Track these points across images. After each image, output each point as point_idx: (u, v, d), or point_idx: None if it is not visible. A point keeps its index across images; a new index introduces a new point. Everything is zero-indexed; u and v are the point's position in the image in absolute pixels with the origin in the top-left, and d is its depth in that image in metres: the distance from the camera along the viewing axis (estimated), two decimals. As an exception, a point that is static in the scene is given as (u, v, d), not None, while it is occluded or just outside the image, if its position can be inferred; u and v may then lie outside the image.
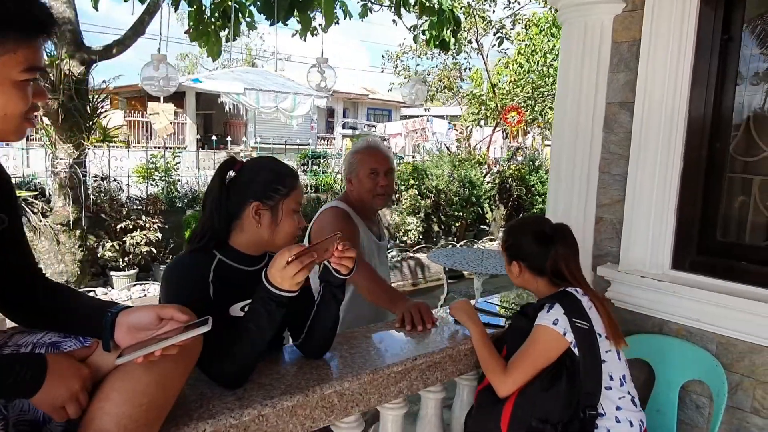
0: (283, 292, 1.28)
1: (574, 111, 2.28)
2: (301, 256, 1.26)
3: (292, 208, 1.47)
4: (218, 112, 18.25)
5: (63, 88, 4.23)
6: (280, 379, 1.45)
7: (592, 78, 2.20)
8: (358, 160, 2.29)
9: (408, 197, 8.34)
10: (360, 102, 24.21)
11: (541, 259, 1.71)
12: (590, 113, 2.24)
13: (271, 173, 1.50)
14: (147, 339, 1.08)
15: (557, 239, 1.72)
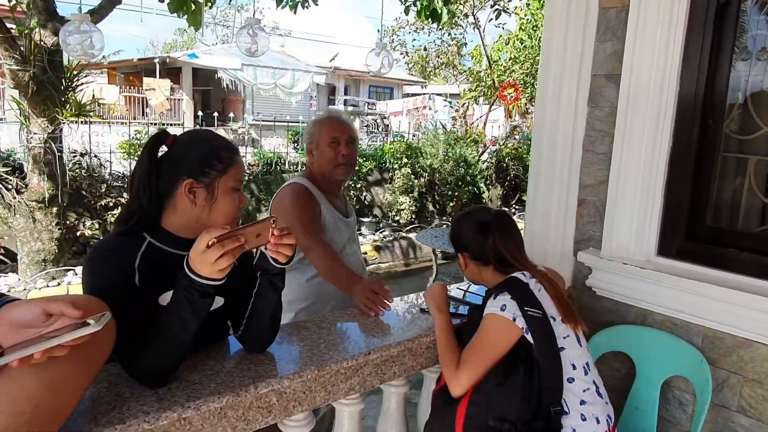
0: (205, 280, 1.13)
1: (556, 83, 2.10)
2: (225, 240, 1.11)
3: (230, 186, 1.33)
4: (216, 89, 18.01)
5: (34, 60, 4.05)
6: (212, 376, 1.31)
7: (577, 47, 2.02)
8: (318, 130, 2.16)
9: (401, 176, 8.17)
10: (362, 79, 23.92)
11: (482, 248, 1.64)
12: (574, 86, 2.06)
13: (206, 147, 1.35)
14: (32, 338, 0.93)
15: (494, 226, 1.64)
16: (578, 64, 2.04)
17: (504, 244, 1.62)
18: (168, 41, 28.77)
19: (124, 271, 1.27)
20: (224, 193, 1.32)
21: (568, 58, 2.05)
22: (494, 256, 1.63)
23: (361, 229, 8.25)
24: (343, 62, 22.62)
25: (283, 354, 1.46)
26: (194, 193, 1.31)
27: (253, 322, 1.41)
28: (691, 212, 1.88)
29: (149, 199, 1.32)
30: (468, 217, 1.75)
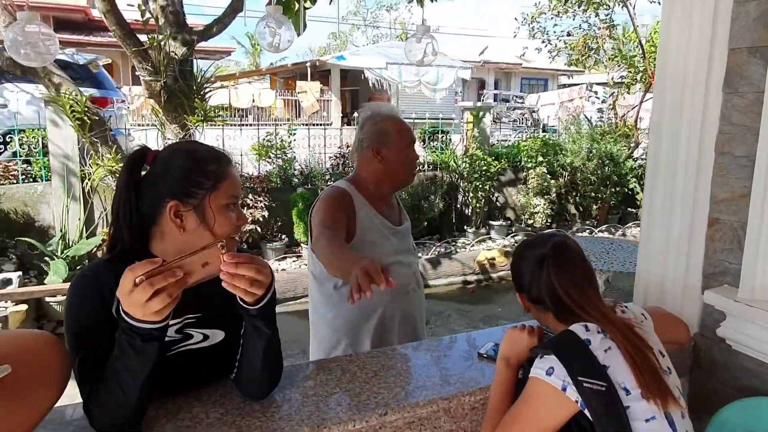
0: (142, 323, 0.94)
1: (680, 63, 1.58)
2: (153, 277, 0.90)
3: (223, 204, 1.13)
4: (363, 88, 18.54)
5: (165, 70, 4.33)
6: (188, 429, 1.12)
7: (708, 11, 1.49)
8: (395, 130, 1.89)
9: (535, 176, 7.49)
10: (513, 72, 23.09)
11: (538, 288, 1.26)
12: (704, 64, 1.53)
13: (189, 162, 1.15)
14: None
15: (549, 258, 1.25)
16: (709, 35, 1.50)
17: (560, 281, 1.22)
18: (323, 45, 30.45)
19: (103, 301, 1.12)
20: (219, 213, 1.12)
21: (696, 27, 1.53)
22: (549, 298, 1.24)
23: (491, 233, 7.78)
24: (494, 55, 21.99)
25: (282, 405, 1.23)
26: (181, 217, 1.12)
27: (243, 367, 1.20)
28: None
29: (129, 228, 1.15)
30: (525, 247, 1.36)
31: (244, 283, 0.99)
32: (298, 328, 5.57)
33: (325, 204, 1.79)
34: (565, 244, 1.29)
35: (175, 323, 1.17)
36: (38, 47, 2.94)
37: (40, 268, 5.50)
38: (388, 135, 1.87)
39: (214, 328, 1.21)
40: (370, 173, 1.88)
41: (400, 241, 1.94)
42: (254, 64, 28.66)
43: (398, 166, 1.88)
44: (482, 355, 1.50)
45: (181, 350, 1.19)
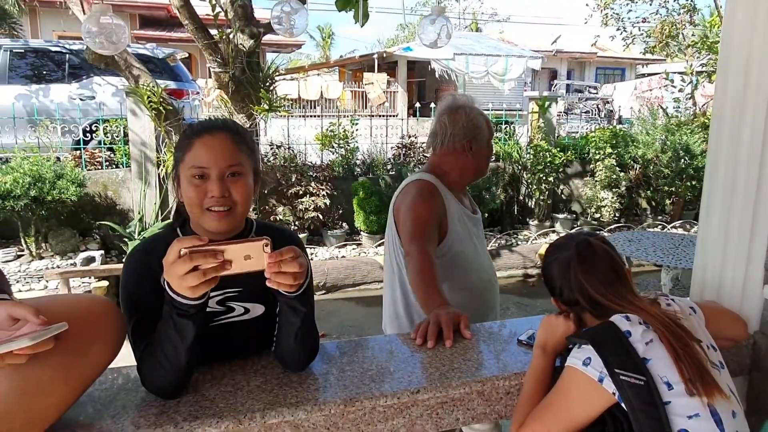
0: (179, 297, 1.01)
1: (743, 40, 1.49)
2: (196, 254, 0.96)
3: (187, 174, 1.16)
4: (430, 80, 18.47)
5: (233, 62, 4.52)
6: (229, 394, 1.20)
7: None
8: (485, 124, 1.89)
9: (603, 168, 7.19)
10: (588, 61, 22.28)
11: (570, 291, 1.25)
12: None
13: (181, 136, 1.23)
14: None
15: (573, 260, 1.24)
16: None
17: (588, 282, 1.22)
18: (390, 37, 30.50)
19: (151, 271, 1.21)
20: (185, 183, 1.17)
21: (762, 6, 1.43)
22: (582, 298, 1.23)
23: (555, 226, 7.56)
24: (567, 44, 21.28)
25: (318, 378, 1.28)
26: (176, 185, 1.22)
27: (280, 342, 1.26)
28: None
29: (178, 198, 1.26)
30: (552, 251, 1.35)
31: (288, 280, 1.03)
32: (355, 313, 5.70)
33: (419, 200, 1.80)
34: (588, 243, 1.27)
35: (217, 295, 1.24)
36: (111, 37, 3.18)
37: (120, 248, 5.92)
38: (480, 129, 1.87)
39: (254, 302, 1.27)
40: (456, 166, 1.88)
41: (477, 230, 1.97)
42: (324, 56, 29.19)
43: (484, 159, 1.90)
44: (522, 341, 1.49)
45: (223, 322, 1.26)
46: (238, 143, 1.19)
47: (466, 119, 1.86)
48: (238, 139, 1.19)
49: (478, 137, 1.86)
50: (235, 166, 1.16)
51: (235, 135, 1.20)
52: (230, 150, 1.17)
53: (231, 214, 1.17)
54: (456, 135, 1.85)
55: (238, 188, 1.16)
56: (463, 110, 1.87)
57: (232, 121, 1.28)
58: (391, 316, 1.98)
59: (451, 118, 1.87)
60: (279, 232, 1.38)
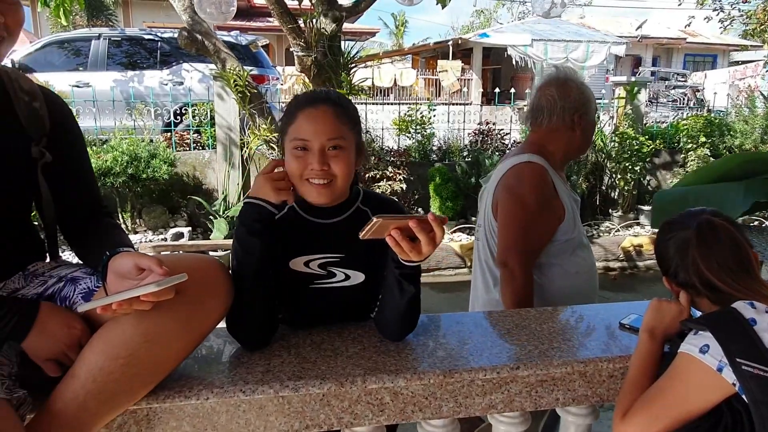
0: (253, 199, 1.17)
1: None
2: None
3: (292, 146, 1.19)
4: (506, 67, 18.04)
5: (316, 46, 4.59)
6: (329, 358, 1.23)
7: None
8: (589, 99, 1.81)
9: (695, 158, 6.73)
10: (675, 47, 21.01)
11: (686, 273, 1.17)
12: None
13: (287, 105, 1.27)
14: (125, 289, 0.98)
15: (693, 240, 1.16)
16: None
17: (708, 265, 1.13)
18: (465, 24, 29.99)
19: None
20: (288, 154, 1.21)
21: None
22: (700, 282, 1.15)
23: (639, 218, 7.19)
24: (653, 30, 20.11)
25: (416, 348, 1.28)
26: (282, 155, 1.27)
27: (383, 312, 1.27)
28: None
29: None
30: (668, 227, 1.26)
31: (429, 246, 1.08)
32: (430, 299, 5.68)
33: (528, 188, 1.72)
34: (712, 223, 1.18)
35: (318, 258, 1.27)
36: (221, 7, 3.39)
37: (205, 226, 6.21)
38: (590, 102, 1.80)
39: (355, 270, 1.29)
40: (562, 143, 1.80)
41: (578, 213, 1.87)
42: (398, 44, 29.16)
43: (590, 135, 1.84)
44: (624, 325, 1.42)
45: (325, 286, 1.29)
46: (340, 116, 1.19)
47: (577, 92, 1.77)
48: (340, 111, 1.20)
49: (588, 111, 1.78)
50: (336, 140, 1.17)
51: (338, 108, 1.20)
52: (332, 123, 1.17)
53: (330, 186, 1.19)
54: (567, 108, 1.76)
55: (338, 162, 1.17)
56: (572, 83, 1.79)
57: (337, 93, 1.28)
58: (485, 304, 1.92)
59: (561, 90, 1.77)
60: (387, 203, 1.38)
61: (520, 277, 1.70)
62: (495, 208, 1.82)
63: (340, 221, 1.30)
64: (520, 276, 1.70)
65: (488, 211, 1.86)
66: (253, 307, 1.18)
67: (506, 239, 1.73)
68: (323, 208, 1.27)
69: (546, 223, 1.76)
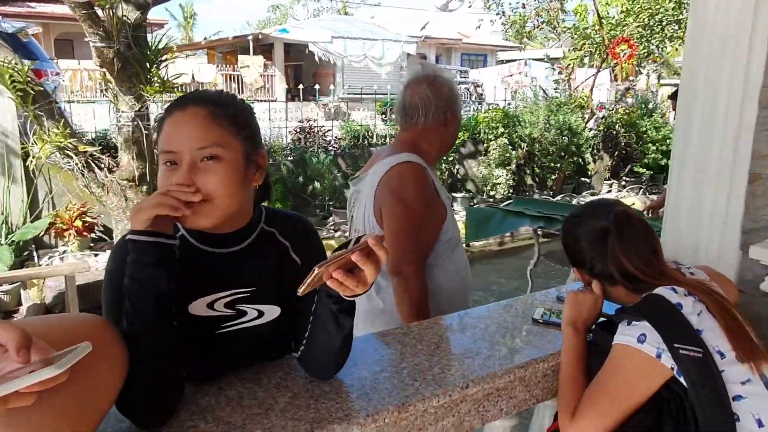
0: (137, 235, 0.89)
1: (718, 13, 1.54)
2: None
3: (160, 160, 0.97)
4: (308, 63, 18.10)
5: (118, 36, 3.98)
6: (259, 416, 1.00)
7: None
8: (458, 96, 1.81)
9: (497, 147, 7.55)
10: (453, 47, 23.25)
11: (603, 264, 1.21)
12: (747, 16, 1.50)
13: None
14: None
15: (612, 231, 1.20)
16: (756, -14, 1.47)
17: (627, 256, 1.18)
18: (262, 19, 29.44)
19: None
20: (159, 169, 0.97)
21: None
22: (618, 272, 1.19)
23: (454, 206, 7.81)
24: (434, 30, 22.00)
25: (354, 384, 1.12)
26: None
27: (313, 351, 1.08)
28: None
29: None
30: (578, 220, 1.28)
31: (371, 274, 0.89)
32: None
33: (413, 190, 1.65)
34: (628, 214, 1.24)
35: (225, 296, 1.04)
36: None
37: (-20, 256, 5.02)
38: (459, 98, 1.80)
39: (269, 304, 1.08)
40: (436, 141, 1.76)
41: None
42: (187, 38, 27.35)
43: (457, 131, 1.82)
44: (538, 320, 1.44)
45: (235, 329, 1.06)
46: (217, 118, 0.95)
47: (447, 89, 1.75)
48: (218, 112, 0.96)
49: (457, 108, 1.78)
50: (209, 148, 0.93)
51: (214, 108, 0.96)
52: (203, 127, 0.94)
53: (207, 208, 0.94)
54: (440, 106, 1.73)
55: (212, 176, 0.93)
56: (442, 80, 1.77)
57: (219, 92, 1.03)
58: (367, 313, 1.81)
59: (434, 88, 1.73)
60: (294, 221, 1.17)
61: (415, 283, 1.65)
62: (378, 213, 1.73)
63: (243, 249, 1.07)
64: (415, 282, 1.65)
65: (369, 216, 1.76)
66: (157, 368, 0.91)
67: (398, 246, 1.65)
68: (221, 236, 1.04)
69: (432, 223, 1.74)
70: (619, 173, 8.99)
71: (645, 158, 8.72)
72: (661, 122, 8.84)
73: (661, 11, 8.24)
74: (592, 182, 8.76)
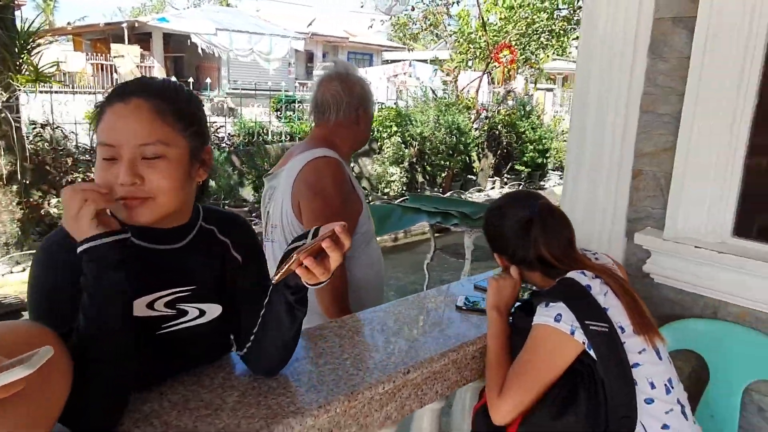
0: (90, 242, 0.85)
1: (608, 29, 1.74)
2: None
3: (99, 154, 0.92)
4: (190, 55, 17.21)
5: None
6: (209, 417, 0.98)
7: (638, -15, 1.66)
8: (370, 92, 1.82)
9: (390, 145, 7.77)
10: (340, 46, 23.27)
11: (525, 251, 1.33)
12: (631, 33, 1.71)
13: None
14: None
15: (536, 222, 1.32)
16: (637, 5, 1.68)
17: (548, 245, 1.30)
18: (136, 5, 27.48)
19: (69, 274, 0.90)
20: (96, 162, 0.93)
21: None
22: (540, 259, 1.31)
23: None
24: (321, 28, 21.89)
25: (300, 378, 1.13)
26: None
27: (263, 347, 1.08)
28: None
29: None
30: (505, 211, 1.40)
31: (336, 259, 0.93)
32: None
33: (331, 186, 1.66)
34: (550, 207, 1.37)
35: (165, 295, 1.01)
36: None
37: None
38: (371, 96, 1.83)
39: (210, 302, 1.06)
40: (349, 137, 1.78)
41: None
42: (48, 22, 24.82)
43: (369, 128, 1.85)
44: (461, 308, 1.54)
45: (175, 329, 1.03)
46: (163, 113, 0.92)
47: (359, 86, 1.80)
48: (164, 107, 0.92)
49: (369, 105, 1.82)
50: (154, 145, 0.90)
51: (160, 102, 0.92)
52: (148, 123, 0.90)
53: (148, 205, 0.91)
54: (352, 103, 1.76)
55: (157, 173, 0.90)
56: (354, 77, 1.81)
57: (164, 82, 0.98)
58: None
59: (345, 85, 1.76)
60: (231, 219, 1.16)
61: (336, 275, 1.67)
62: (297, 207, 1.74)
63: (183, 246, 1.04)
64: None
65: (287, 211, 1.76)
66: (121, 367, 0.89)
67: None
68: (160, 232, 1.00)
69: (350, 216, 1.77)
70: (502, 171, 9.64)
71: (524, 157, 9.43)
72: (537, 123, 9.60)
73: (537, 21, 9.00)
74: (478, 179, 9.29)
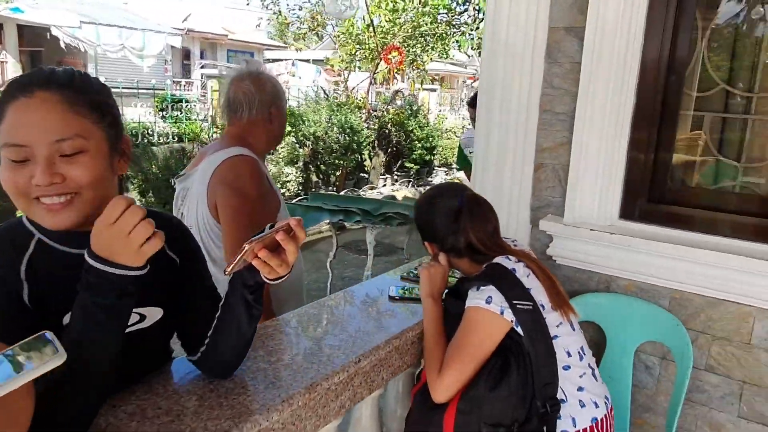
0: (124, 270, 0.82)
1: (509, 37, 1.92)
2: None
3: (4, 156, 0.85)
4: (49, 50, 15.66)
5: None
6: (172, 424, 0.96)
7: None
8: (282, 92, 1.85)
9: (285, 145, 7.69)
10: (219, 43, 22.40)
11: (455, 239, 1.44)
12: (530, 40, 1.89)
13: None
14: None
15: (465, 212, 1.44)
16: (534, 16, 1.87)
17: (476, 233, 1.42)
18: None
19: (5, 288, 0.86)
20: (2, 163, 0.86)
21: (522, 8, 1.87)
22: (468, 246, 1.43)
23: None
24: (198, 24, 20.90)
25: (256, 376, 1.14)
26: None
27: (219, 348, 1.07)
28: (654, 173, 1.83)
29: None
30: (434, 201, 1.50)
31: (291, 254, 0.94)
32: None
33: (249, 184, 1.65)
34: (477, 197, 1.50)
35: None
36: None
37: None
38: (282, 94, 1.85)
39: (150, 306, 1.01)
40: (261, 135, 1.78)
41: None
42: None
43: (284, 126, 1.87)
44: (394, 297, 1.62)
45: None
46: (75, 104, 0.86)
47: (270, 85, 1.82)
48: (73, 99, 0.86)
49: (282, 104, 1.85)
50: (70, 140, 0.84)
51: (67, 92, 0.86)
52: (59, 117, 0.84)
53: (74, 203, 0.87)
54: (264, 101, 1.78)
55: (79, 168, 0.85)
56: (265, 76, 1.82)
57: (70, 71, 0.90)
58: None
59: (257, 84, 1.77)
60: (163, 218, 1.11)
61: None
62: (213, 207, 1.72)
63: None
64: None
65: (203, 212, 1.74)
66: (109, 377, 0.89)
67: (237, 237, 1.67)
68: (85, 235, 0.87)
69: (268, 214, 1.78)
70: (392, 168, 9.92)
71: (413, 154, 9.78)
72: (424, 122, 10.01)
73: (422, 24, 9.38)
74: (371, 177, 9.48)
